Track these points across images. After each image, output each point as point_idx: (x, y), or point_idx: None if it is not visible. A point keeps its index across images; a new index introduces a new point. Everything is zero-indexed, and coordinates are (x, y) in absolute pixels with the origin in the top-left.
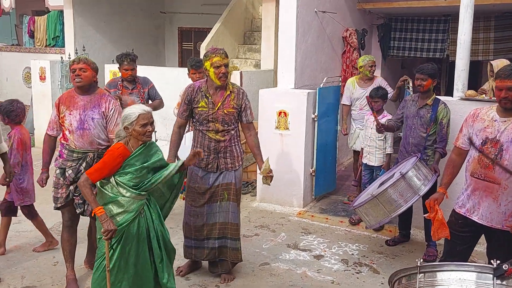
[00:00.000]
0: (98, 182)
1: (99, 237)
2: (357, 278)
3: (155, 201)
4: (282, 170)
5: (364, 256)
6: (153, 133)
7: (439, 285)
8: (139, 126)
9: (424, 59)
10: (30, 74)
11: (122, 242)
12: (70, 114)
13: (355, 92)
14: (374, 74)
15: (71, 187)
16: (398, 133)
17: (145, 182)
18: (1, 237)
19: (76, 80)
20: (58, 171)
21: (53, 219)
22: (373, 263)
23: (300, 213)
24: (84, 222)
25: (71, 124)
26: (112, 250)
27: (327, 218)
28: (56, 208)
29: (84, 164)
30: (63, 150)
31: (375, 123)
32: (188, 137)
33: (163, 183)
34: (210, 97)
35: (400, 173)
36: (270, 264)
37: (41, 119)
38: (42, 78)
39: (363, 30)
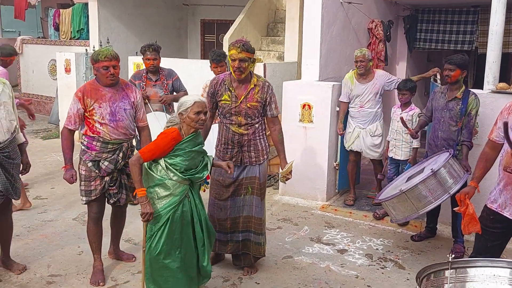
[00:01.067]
0: (146, 164)
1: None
2: (382, 273)
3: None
4: (306, 163)
5: (389, 251)
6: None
7: (471, 282)
8: (193, 113)
9: (451, 52)
10: (56, 66)
11: (168, 226)
12: (100, 107)
13: (354, 88)
14: (374, 69)
15: (106, 178)
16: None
17: (193, 172)
18: None
19: (111, 79)
20: (90, 164)
21: (78, 210)
22: (398, 259)
23: (323, 207)
24: (107, 213)
25: (102, 117)
26: (156, 233)
27: (350, 212)
28: (88, 202)
29: (121, 154)
30: (93, 143)
31: (408, 129)
32: (213, 130)
33: None
34: (233, 90)
35: (432, 170)
36: (293, 258)
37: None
38: (67, 70)
39: (389, 22)
